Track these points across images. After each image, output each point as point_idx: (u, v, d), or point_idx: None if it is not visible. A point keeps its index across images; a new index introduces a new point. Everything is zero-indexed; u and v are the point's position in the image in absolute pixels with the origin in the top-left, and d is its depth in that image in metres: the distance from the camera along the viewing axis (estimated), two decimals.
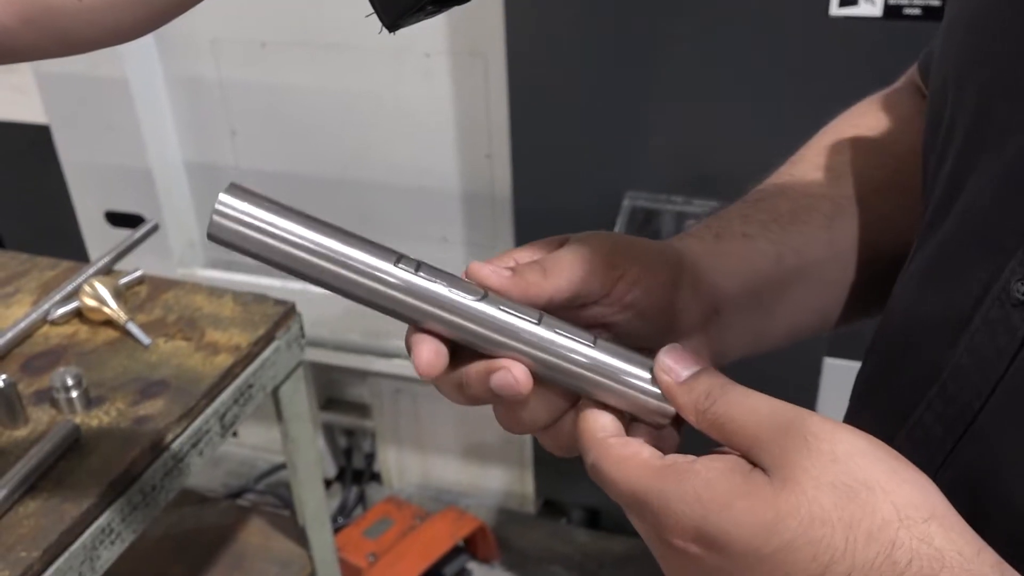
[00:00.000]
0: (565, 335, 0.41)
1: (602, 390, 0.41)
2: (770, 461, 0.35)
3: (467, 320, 0.41)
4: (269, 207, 0.40)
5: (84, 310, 1.13)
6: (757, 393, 0.38)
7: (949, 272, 0.44)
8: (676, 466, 0.37)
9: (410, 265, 0.41)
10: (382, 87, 1.70)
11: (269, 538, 1.37)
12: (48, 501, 0.89)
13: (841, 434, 0.35)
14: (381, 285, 0.41)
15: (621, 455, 0.39)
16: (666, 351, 0.41)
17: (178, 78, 1.82)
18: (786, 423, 0.35)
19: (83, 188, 1.93)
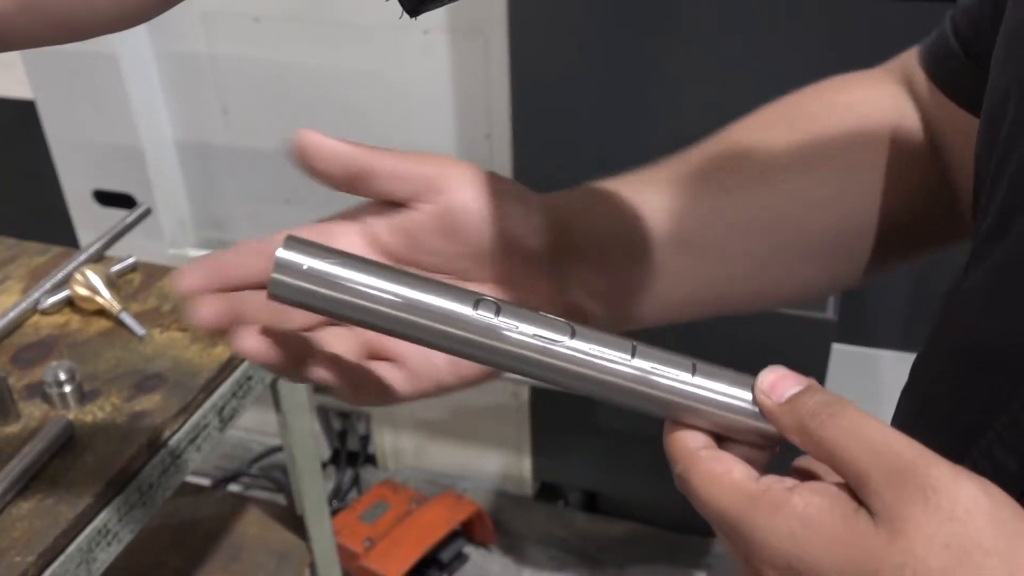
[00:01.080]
0: (662, 369, 0.39)
1: (701, 416, 0.39)
2: (881, 507, 0.32)
3: (557, 362, 0.39)
4: (331, 258, 0.38)
5: (76, 299, 1.09)
6: (872, 420, 0.34)
7: (1012, 296, 0.41)
8: (771, 495, 0.34)
9: (489, 308, 0.39)
10: (380, 64, 1.66)
11: (267, 529, 1.35)
12: (42, 502, 0.86)
13: (964, 490, 0.32)
14: (460, 331, 0.38)
15: (712, 471, 0.37)
16: (767, 371, 0.39)
17: (169, 54, 1.77)
18: (905, 467, 0.32)
19: (71, 166, 1.88)
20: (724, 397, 0.39)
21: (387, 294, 0.38)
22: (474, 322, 0.38)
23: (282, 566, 1.29)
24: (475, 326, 0.38)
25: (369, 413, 2.08)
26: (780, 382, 0.38)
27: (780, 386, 0.38)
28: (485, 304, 0.39)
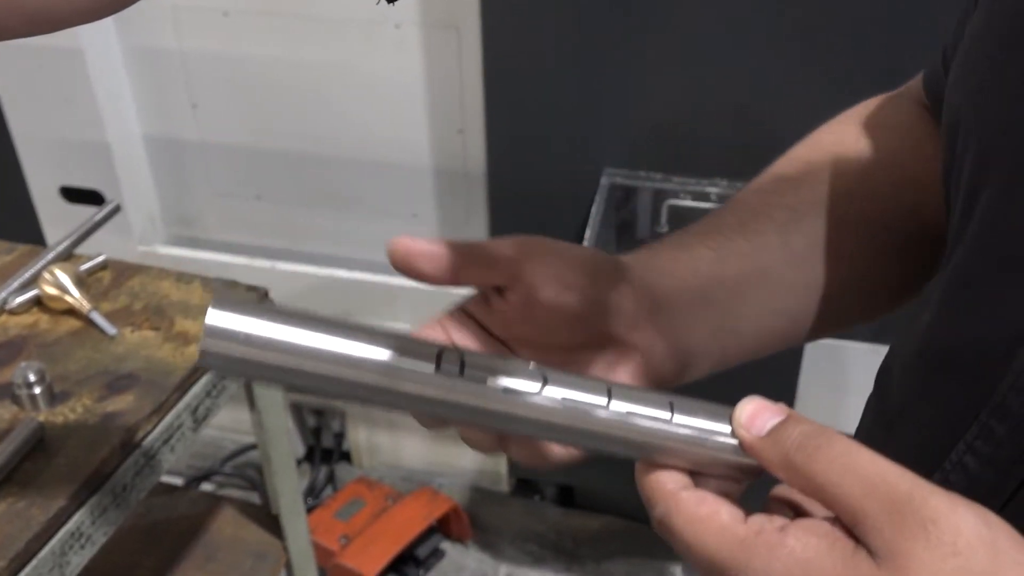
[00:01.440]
0: (640, 410, 0.37)
1: (681, 455, 0.37)
2: (880, 544, 0.31)
3: (532, 415, 0.36)
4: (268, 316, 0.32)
5: (44, 299, 1.08)
6: (861, 449, 0.33)
7: (973, 301, 0.41)
8: (764, 538, 0.33)
9: (453, 363, 0.35)
10: (351, 59, 1.64)
11: (242, 528, 1.33)
12: (13, 506, 0.84)
13: (964, 521, 0.31)
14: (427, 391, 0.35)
15: (697, 514, 0.35)
16: (744, 403, 0.37)
17: (136, 48, 1.75)
18: (901, 501, 0.31)
19: (37, 163, 1.85)
20: (703, 434, 0.37)
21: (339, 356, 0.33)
22: (439, 380, 0.35)
23: (257, 565, 1.28)
24: (441, 384, 0.35)
25: (344, 410, 2.06)
26: (759, 414, 0.36)
27: (759, 419, 0.36)
28: (448, 357, 0.35)
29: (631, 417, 0.37)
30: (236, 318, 0.32)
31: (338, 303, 1.83)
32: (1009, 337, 0.38)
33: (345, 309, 1.83)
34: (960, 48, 0.47)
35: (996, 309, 0.39)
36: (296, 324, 0.33)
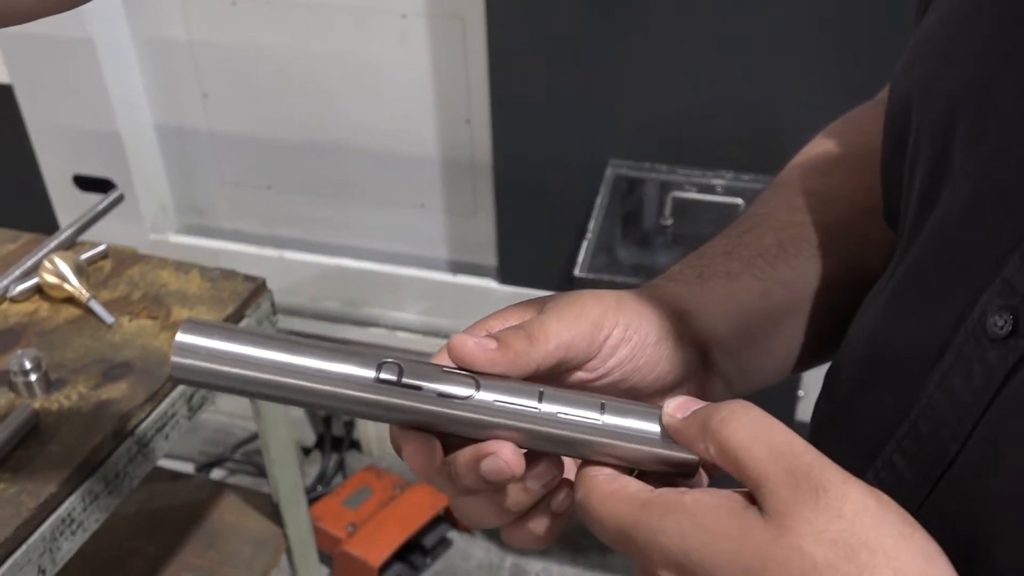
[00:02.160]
0: (571, 410, 0.39)
1: (613, 453, 0.39)
2: (773, 505, 0.33)
3: (463, 417, 0.38)
4: (231, 335, 0.38)
5: (44, 287, 1.09)
6: (774, 422, 0.35)
7: (919, 299, 0.41)
8: (663, 498, 0.35)
9: (392, 371, 0.38)
10: (358, 49, 1.65)
11: (244, 515, 1.34)
12: (5, 492, 0.85)
13: (854, 491, 0.32)
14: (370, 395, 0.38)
15: (608, 489, 0.37)
16: (671, 400, 0.39)
17: (146, 38, 1.76)
18: (800, 469, 0.33)
19: (50, 151, 1.87)
20: (634, 431, 0.39)
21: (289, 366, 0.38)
22: (378, 386, 0.38)
23: (258, 553, 1.29)
24: (380, 390, 0.38)
25: None
26: (685, 403, 0.38)
27: (685, 405, 0.38)
28: (388, 367, 0.38)
29: (561, 417, 0.38)
30: (201, 338, 0.37)
31: (345, 292, 1.84)
32: (941, 338, 0.38)
33: (351, 298, 1.84)
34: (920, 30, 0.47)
35: (934, 309, 0.39)
36: (252, 342, 0.38)
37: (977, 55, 0.40)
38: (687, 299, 0.48)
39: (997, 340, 0.35)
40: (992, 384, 0.35)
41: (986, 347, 0.36)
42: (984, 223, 0.37)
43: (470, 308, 1.75)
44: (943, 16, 0.44)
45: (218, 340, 0.37)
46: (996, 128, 0.38)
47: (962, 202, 0.39)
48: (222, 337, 0.38)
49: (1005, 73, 0.38)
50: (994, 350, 0.36)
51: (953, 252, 0.39)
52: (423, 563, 1.89)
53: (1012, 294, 0.35)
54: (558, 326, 0.42)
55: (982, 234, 0.37)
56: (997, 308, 0.35)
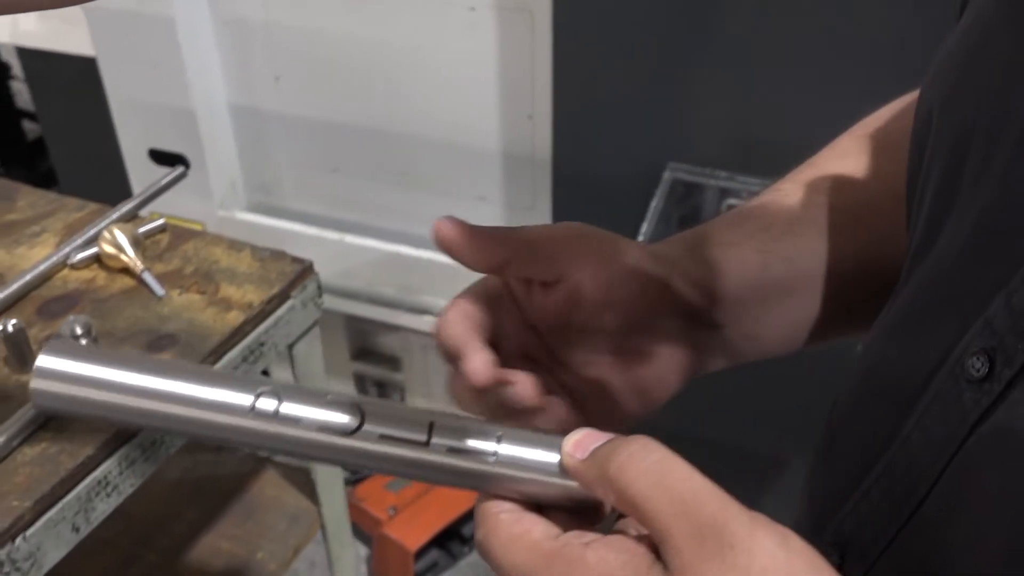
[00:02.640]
0: (466, 441, 0.37)
1: (510, 486, 0.37)
2: (677, 562, 0.31)
3: (347, 448, 0.37)
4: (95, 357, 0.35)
5: (103, 256, 1.13)
6: (676, 463, 0.33)
7: (912, 330, 0.40)
8: (565, 552, 0.34)
9: (270, 397, 0.36)
10: (427, 39, 1.66)
11: (283, 491, 1.38)
12: (46, 451, 0.89)
13: (760, 545, 0.31)
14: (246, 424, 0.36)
15: (511, 533, 0.35)
16: (572, 435, 0.37)
17: (225, 19, 1.80)
18: (704, 523, 0.31)
19: (128, 124, 1.94)
20: (529, 464, 0.37)
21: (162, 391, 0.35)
22: (255, 414, 0.36)
23: (293, 527, 1.32)
24: (257, 418, 0.36)
25: (404, 385, 2.10)
26: (585, 439, 0.36)
27: (585, 442, 0.36)
28: (266, 395, 0.36)
29: (453, 452, 0.37)
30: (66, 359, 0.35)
31: (401, 279, 1.86)
32: (926, 373, 0.37)
33: (407, 284, 1.86)
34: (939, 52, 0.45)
35: (924, 342, 0.38)
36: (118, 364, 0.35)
37: (992, 78, 0.38)
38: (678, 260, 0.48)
39: (973, 382, 0.34)
40: (964, 426, 0.34)
41: (963, 388, 0.35)
42: (978, 259, 0.36)
43: None
44: (967, 26, 0.42)
45: (83, 362, 0.35)
46: (1001, 161, 0.36)
47: (963, 234, 0.38)
48: (87, 359, 0.35)
49: (1016, 103, 0.37)
50: (969, 392, 0.34)
51: (947, 286, 0.38)
52: (461, 552, 1.91)
53: (992, 336, 0.34)
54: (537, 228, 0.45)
55: (975, 270, 0.36)
56: (976, 349, 0.34)
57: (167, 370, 0.35)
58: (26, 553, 0.84)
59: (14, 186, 1.32)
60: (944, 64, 0.44)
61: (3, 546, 0.82)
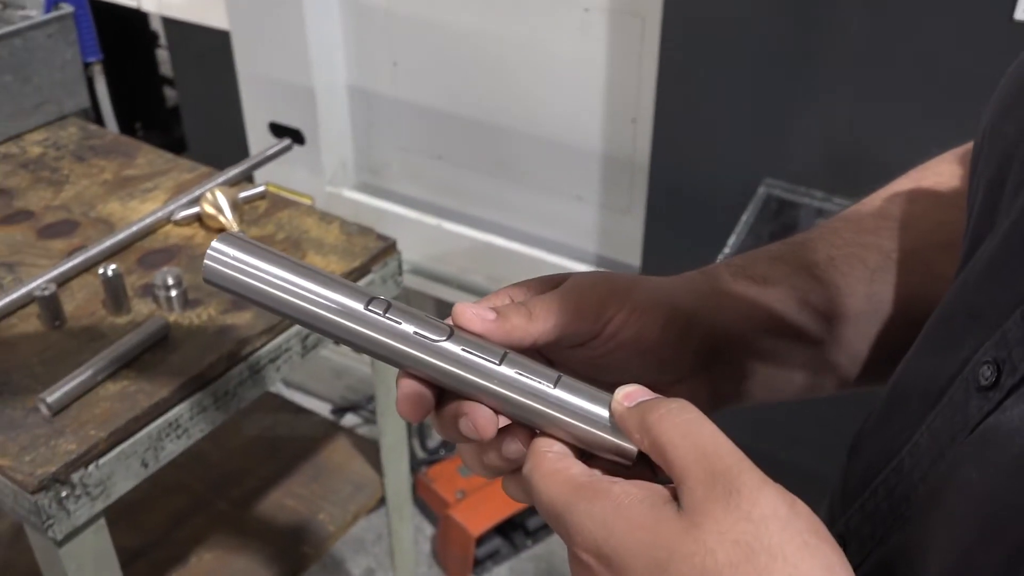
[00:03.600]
0: (526, 375, 0.41)
1: (560, 426, 0.41)
2: (688, 501, 0.34)
3: (431, 359, 0.41)
4: (255, 252, 0.42)
5: (203, 216, 1.20)
6: (707, 424, 0.36)
7: (938, 342, 0.41)
8: (593, 485, 0.37)
9: (380, 307, 0.42)
10: (540, 36, 1.69)
11: (351, 459, 1.43)
12: (127, 388, 0.96)
13: (766, 496, 0.33)
14: (350, 324, 0.42)
15: (552, 468, 0.39)
16: (624, 387, 0.40)
17: (351, 2, 1.87)
18: (719, 470, 0.34)
19: (253, 97, 2.03)
20: (581, 409, 0.40)
21: (292, 285, 0.42)
22: (363, 317, 0.41)
23: (355, 494, 1.37)
24: (364, 321, 0.41)
25: None
26: (635, 392, 0.39)
27: (634, 395, 0.39)
28: (377, 302, 0.42)
29: (516, 379, 0.41)
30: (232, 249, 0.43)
31: (491, 268, 1.89)
32: (945, 381, 0.39)
33: (497, 275, 1.90)
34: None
35: (947, 354, 0.39)
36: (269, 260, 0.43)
37: None
38: (708, 294, 0.49)
39: (981, 390, 0.36)
40: (964, 431, 0.36)
41: (971, 395, 0.36)
42: (1002, 275, 0.38)
43: None
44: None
45: (243, 253, 0.42)
46: None
47: (992, 251, 0.39)
48: (247, 252, 0.42)
49: None
50: (975, 399, 0.36)
51: (974, 300, 0.39)
52: (523, 543, 1.93)
53: (1004, 347, 0.36)
54: (560, 306, 0.44)
55: (999, 286, 0.37)
56: (988, 359, 0.36)
57: (305, 271, 0.42)
58: (97, 480, 0.91)
59: (136, 144, 1.42)
60: (1001, 90, 0.44)
61: (76, 470, 0.89)
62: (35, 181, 1.31)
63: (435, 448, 2.13)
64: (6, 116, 1.40)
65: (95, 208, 1.25)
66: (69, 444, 0.89)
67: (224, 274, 0.42)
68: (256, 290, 0.42)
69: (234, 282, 0.42)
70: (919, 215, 0.54)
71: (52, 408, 0.91)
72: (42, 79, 1.43)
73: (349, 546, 1.98)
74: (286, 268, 0.42)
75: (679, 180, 1.58)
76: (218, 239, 0.43)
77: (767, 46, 1.40)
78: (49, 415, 0.92)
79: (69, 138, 1.43)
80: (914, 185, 0.57)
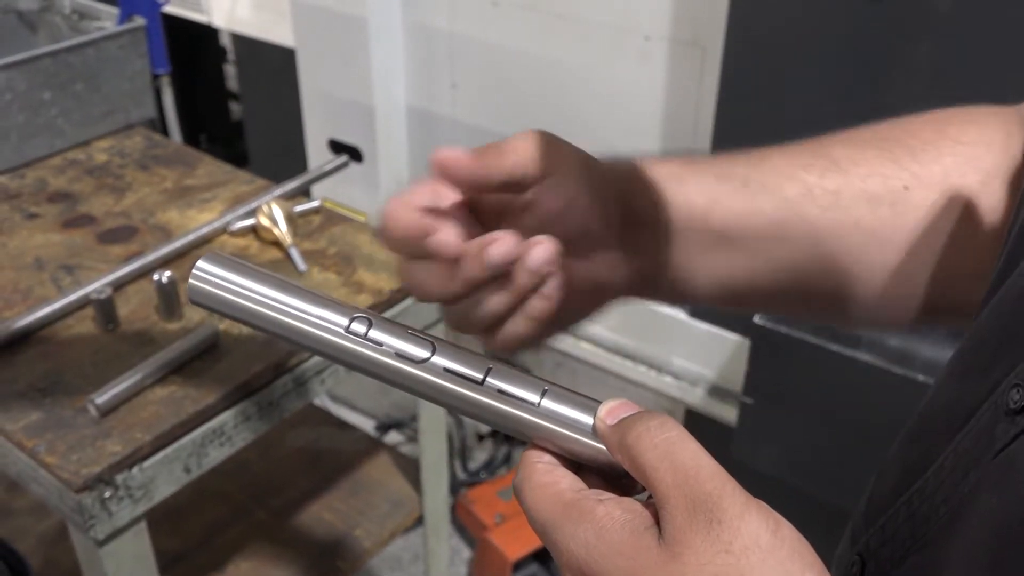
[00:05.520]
0: (514, 387, 0.41)
1: (547, 437, 0.40)
2: (669, 529, 0.34)
3: (413, 376, 0.41)
4: (238, 270, 0.42)
5: (258, 228, 1.22)
6: (689, 443, 0.35)
7: (970, 363, 0.41)
8: (579, 504, 0.36)
9: (362, 325, 0.42)
10: (600, 64, 1.69)
11: (390, 476, 1.43)
12: (174, 393, 0.97)
13: (747, 524, 0.33)
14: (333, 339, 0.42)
15: (541, 481, 0.38)
16: (608, 402, 0.40)
17: (414, 24, 1.90)
18: (700, 496, 0.33)
19: (315, 114, 2.07)
20: (566, 419, 0.40)
21: (275, 302, 0.42)
22: (346, 334, 0.41)
23: (393, 512, 1.37)
24: (347, 338, 0.41)
25: None
26: (618, 408, 0.39)
27: (617, 411, 0.38)
28: (359, 319, 0.42)
29: (501, 395, 0.40)
30: (214, 268, 0.43)
31: None
32: (974, 404, 0.37)
33: None
34: None
35: (978, 376, 0.38)
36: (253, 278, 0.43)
37: None
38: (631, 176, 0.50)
39: (1009, 413, 0.35)
40: (988, 455, 0.35)
41: (999, 418, 0.35)
42: None
43: (657, 334, 1.75)
44: None
45: (227, 271, 0.42)
46: None
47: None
48: (231, 270, 0.43)
49: None
50: (1003, 422, 0.35)
51: (1009, 322, 0.38)
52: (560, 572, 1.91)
53: None
54: (525, 143, 0.46)
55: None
56: (1018, 382, 0.35)
57: (288, 289, 0.43)
58: (140, 482, 0.92)
59: (198, 156, 1.45)
60: None
61: (120, 472, 0.90)
62: (99, 187, 1.35)
63: (476, 470, 2.12)
64: (75, 123, 1.44)
65: (154, 215, 1.28)
66: (115, 446, 0.91)
67: (209, 293, 0.43)
68: (240, 308, 0.42)
69: (219, 301, 0.43)
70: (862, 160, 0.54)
71: (100, 409, 0.93)
72: (111, 88, 1.47)
73: (386, 563, 1.98)
74: (270, 285, 0.42)
75: None
76: (203, 259, 0.43)
77: (829, 79, 1.38)
78: (97, 416, 0.93)
79: (134, 146, 1.47)
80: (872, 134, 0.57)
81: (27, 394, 0.96)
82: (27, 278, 1.15)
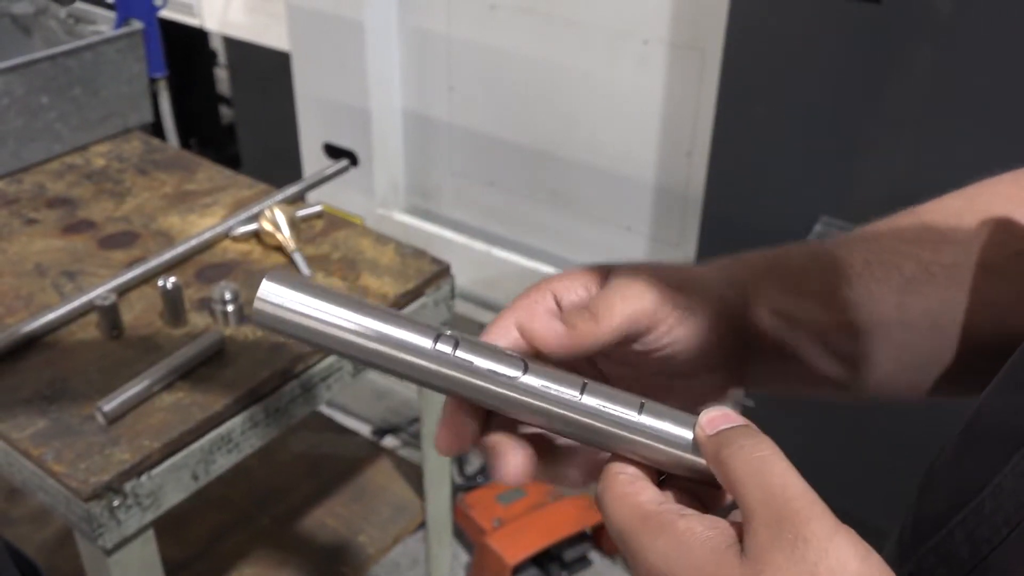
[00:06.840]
0: (611, 404, 0.40)
1: (643, 451, 0.40)
2: (754, 546, 0.33)
3: (507, 396, 0.40)
4: (308, 291, 0.40)
5: (261, 233, 1.21)
6: (781, 462, 0.35)
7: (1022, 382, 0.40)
8: (660, 516, 0.36)
9: (448, 344, 0.40)
10: (597, 67, 1.69)
11: (393, 481, 1.43)
12: (181, 400, 0.97)
13: (836, 547, 0.32)
14: (421, 362, 0.40)
15: (623, 491, 0.38)
16: (709, 411, 0.39)
17: (411, 28, 1.89)
18: (786, 515, 0.33)
19: (309, 118, 2.06)
20: (667, 435, 0.39)
21: (355, 325, 0.40)
22: (433, 355, 0.40)
23: (396, 517, 1.37)
24: (434, 359, 0.40)
25: None
26: (720, 418, 0.38)
27: (717, 421, 0.38)
28: (444, 339, 0.40)
29: (599, 410, 0.40)
30: (283, 289, 0.40)
31: None
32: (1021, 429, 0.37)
33: None
34: None
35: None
36: (326, 299, 0.40)
37: None
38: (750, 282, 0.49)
39: None
40: None
41: None
42: None
43: None
44: None
45: (297, 292, 0.40)
46: None
47: None
48: (301, 291, 0.40)
49: None
50: None
51: None
52: (559, 575, 1.90)
53: None
54: (622, 304, 0.43)
55: None
56: None
57: (364, 308, 0.40)
58: (148, 490, 0.91)
59: (197, 160, 1.44)
60: None
61: (129, 480, 0.89)
62: (98, 192, 1.34)
63: (473, 474, 2.12)
64: (73, 127, 1.43)
65: (155, 220, 1.27)
66: (123, 454, 0.90)
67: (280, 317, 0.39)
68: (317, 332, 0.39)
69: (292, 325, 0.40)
70: (966, 231, 0.52)
71: (108, 417, 0.92)
72: (109, 93, 1.46)
73: (384, 569, 1.97)
74: (345, 306, 0.40)
75: (732, 215, 1.57)
76: (267, 278, 0.40)
77: (829, 83, 1.39)
78: (105, 424, 0.92)
79: (132, 151, 1.45)
80: (965, 202, 0.55)
81: (33, 401, 0.95)
82: (28, 284, 1.14)
